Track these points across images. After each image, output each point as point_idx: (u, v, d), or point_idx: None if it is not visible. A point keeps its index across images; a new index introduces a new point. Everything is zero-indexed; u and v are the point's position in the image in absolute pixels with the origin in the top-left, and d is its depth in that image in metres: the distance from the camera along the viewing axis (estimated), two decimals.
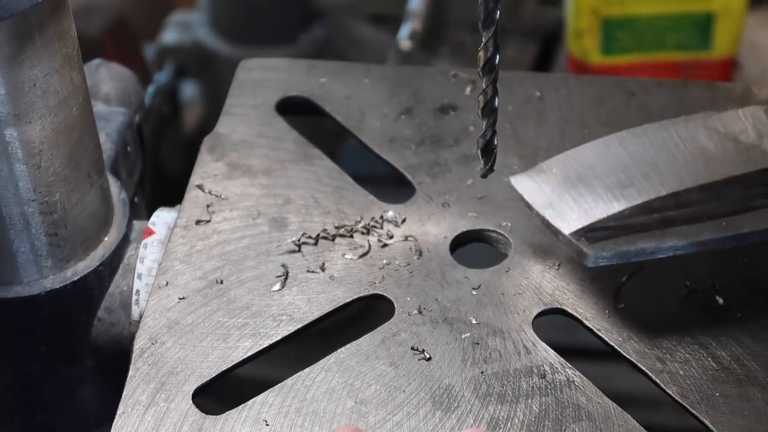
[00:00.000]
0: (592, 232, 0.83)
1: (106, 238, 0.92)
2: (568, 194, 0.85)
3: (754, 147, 0.86)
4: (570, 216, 0.84)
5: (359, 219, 0.93)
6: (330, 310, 0.86)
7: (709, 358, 0.82)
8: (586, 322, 0.85)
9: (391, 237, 0.92)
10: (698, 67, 1.49)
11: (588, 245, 0.82)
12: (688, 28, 1.49)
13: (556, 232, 0.84)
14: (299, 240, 0.91)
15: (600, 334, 0.84)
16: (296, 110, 1.06)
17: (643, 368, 0.81)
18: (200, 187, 0.96)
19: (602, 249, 0.82)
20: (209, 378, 0.81)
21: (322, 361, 0.82)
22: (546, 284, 0.87)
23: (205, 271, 0.89)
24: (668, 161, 0.86)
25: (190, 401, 0.79)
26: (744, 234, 0.84)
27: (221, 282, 0.88)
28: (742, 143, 0.87)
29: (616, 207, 0.83)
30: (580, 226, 0.83)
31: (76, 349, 0.92)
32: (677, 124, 0.89)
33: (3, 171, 0.83)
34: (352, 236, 0.92)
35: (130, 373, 0.81)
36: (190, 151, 1.11)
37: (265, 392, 0.80)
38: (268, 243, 0.91)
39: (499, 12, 0.79)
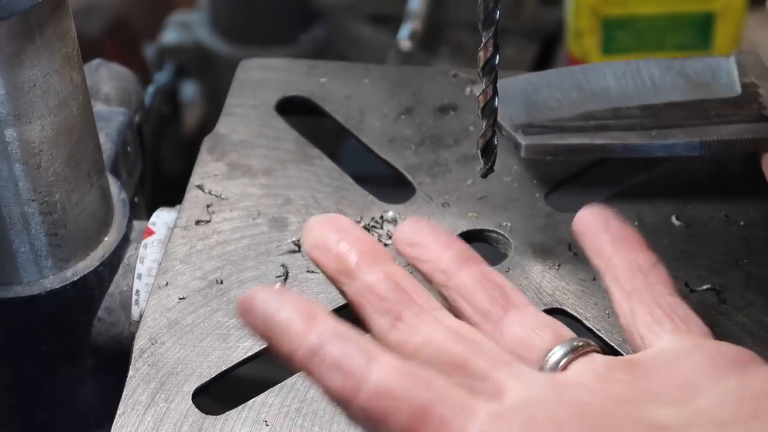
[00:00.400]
0: (530, 128, 0.90)
1: (106, 238, 0.92)
2: (519, 100, 0.93)
3: (706, 84, 0.94)
4: (515, 115, 0.91)
5: (359, 219, 0.93)
6: (330, 310, 0.86)
7: None
8: (586, 322, 0.85)
9: (391, 237, 0.92)
10: None
11: (523, 137, 0.89)
12: (689, 28, 1.48)
13: (499, 127, 0.90)
14: (299, 240, 0.91)
15: (600, 334, 0.84)
16: (296, 110, 1.06)
17: None
18: (200, 187, 0.96)
19: (535, 141, 0.89)
20: (209, 378, 0.81)
21: None
22: (546, 284, 0.87)
23: (205, 271, 0.89)
24: (620, 86, 0.94)
25: (190, 401, 0.79)
26: (670, 144, 0.89)
27: (221, 282, 0.88)
28: (694, 80, 0.94)
29: (557, 113, 0.92)
30: (519, 122, 0.90)
31: (76, 349, 0.92)
32: (642, 62, 0.96)
33: (3, 171, 0.82)
34: None
35: (130, 373, 0.81)
36: (190, 151, 1.11)
37: (265, 392, 0.80)
38: (268, 243, 0.91)
39: (498, 12, 0.79)
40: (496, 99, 0.83)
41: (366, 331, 0.68)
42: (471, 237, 0.93)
